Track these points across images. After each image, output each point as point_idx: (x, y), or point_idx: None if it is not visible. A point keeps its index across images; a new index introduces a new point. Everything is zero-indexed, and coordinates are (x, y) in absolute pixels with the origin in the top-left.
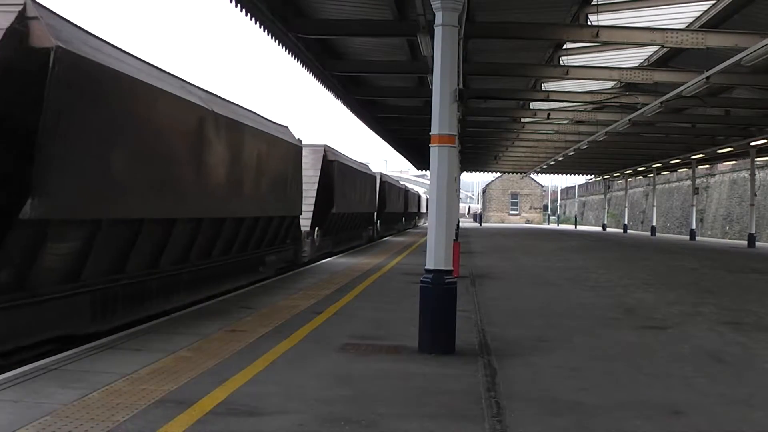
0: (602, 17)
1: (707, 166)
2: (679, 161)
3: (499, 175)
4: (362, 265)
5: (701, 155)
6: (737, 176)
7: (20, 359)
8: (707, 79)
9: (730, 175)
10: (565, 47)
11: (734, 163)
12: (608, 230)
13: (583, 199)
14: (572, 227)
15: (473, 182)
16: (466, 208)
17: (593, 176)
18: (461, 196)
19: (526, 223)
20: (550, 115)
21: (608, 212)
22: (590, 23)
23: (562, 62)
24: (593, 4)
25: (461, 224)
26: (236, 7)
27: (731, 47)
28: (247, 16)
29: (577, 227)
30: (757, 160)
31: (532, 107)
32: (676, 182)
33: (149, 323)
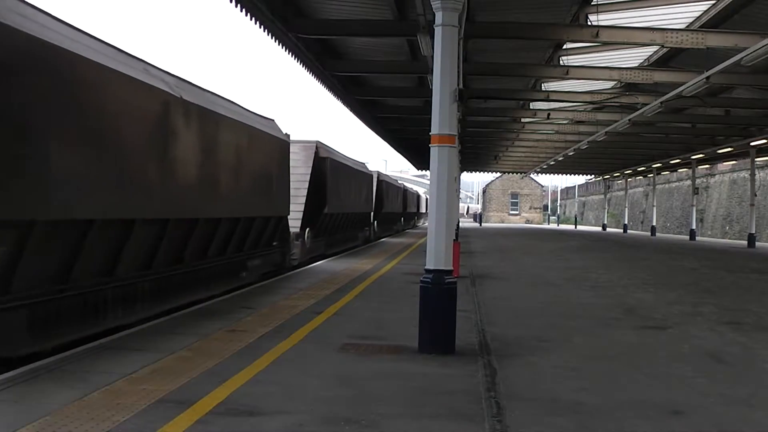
0: (602, 17)
1: (707, 166)
2: (679, 161)
3: (499, 175)
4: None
5: (701, 155)
6: (737, 176)
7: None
8: (707, 79)
9: (730, 175)
10: (565, 47)
11: (734, 163)
12: (608, 230)
13: (583, 199)
14: (572, 227)
15: (473, 182)
16: (464, 207)
17: (593, 176)
18: (461, 196)
19: (526, 223)
20: (550, 115)
21: (608, 212)
22: (590, 23)
23: (562, 62)
24: (593, 4)
25: (461, 224)
26: (236, 6)
27: (731, 47)
28: (247, 16)
29: (577, 227)
30: (757, 160)
31: (532, 107)
32: (676, 182)
33: (149, 323)
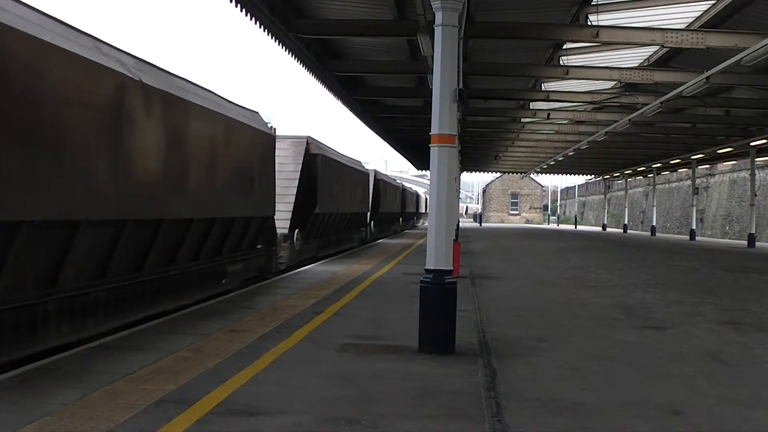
0: (602, 17)
1: (707, 166)
2: (679, 161)
3: (499, 175)
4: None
5: (701, 155)
6: (737, 176)
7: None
8: (707, 79)
9: (730, 175)
10: (565, 47)
11: (734, 163)
12: (608, 230)
13: (583, 199)
14: (572, 227)
15: (473, 182)
16: (464, 207)
17: (593, 176)
18: (461, 196)
19: (526, 223)
20: (550, 115)
21: (608, 212)
22: (590, 23)
23: (562, 62)
24: (593, 4)
25: (461, 224)
26: (236, 6)
27: (731, 47)
28: (247, 16)
29: (577, 227)
30: (757, 160)
31: (532, 107)
32: (676, 182)
33: (149, 323)
